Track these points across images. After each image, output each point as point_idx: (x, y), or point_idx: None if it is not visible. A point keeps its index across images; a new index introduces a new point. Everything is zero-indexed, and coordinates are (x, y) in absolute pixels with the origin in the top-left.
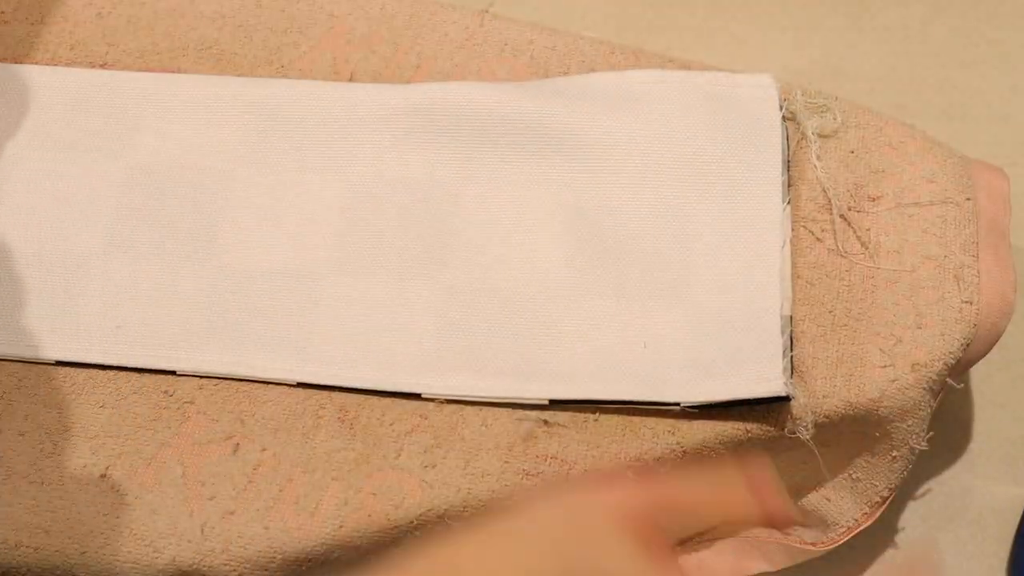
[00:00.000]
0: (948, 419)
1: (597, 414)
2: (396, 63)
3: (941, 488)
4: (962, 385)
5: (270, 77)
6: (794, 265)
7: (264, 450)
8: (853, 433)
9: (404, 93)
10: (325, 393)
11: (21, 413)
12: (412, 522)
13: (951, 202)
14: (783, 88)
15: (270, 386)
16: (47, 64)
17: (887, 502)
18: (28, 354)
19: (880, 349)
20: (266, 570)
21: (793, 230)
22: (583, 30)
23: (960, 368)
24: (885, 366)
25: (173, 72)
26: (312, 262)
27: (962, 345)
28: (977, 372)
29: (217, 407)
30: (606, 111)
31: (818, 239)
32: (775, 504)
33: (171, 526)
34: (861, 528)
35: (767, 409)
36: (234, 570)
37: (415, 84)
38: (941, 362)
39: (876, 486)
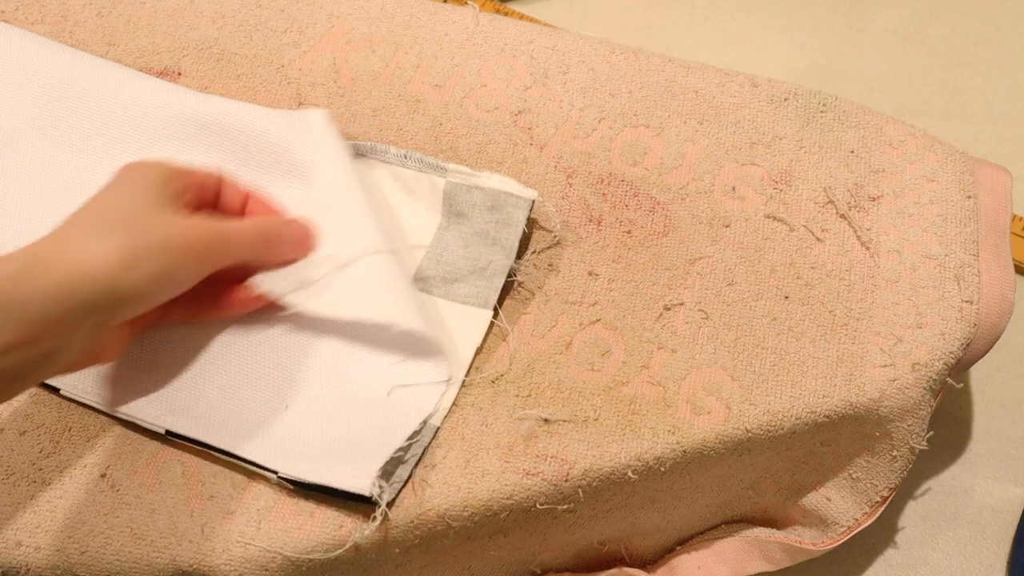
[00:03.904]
0: (948, 419)
1: (597, 413)
2: (396, 63)
3: (941, 488)
4: (962, 385)
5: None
6: (794, 264)
7: None
8: (853, 433)
9: (193, 103)
10: None
11: (22, 412)
12: (412, 521)
13: (951, 200)
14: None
15: None
16: None
17: (887, 501)
18: None
19: (880, 349)
20: (266, 570)
21: (793, 230)
22: (583, 30)
23: (960, 368)
24: (885, 366)
25: (173, 74)
26: None
27: (962, 344)
28: (977, 372)
29: None
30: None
31: (818, 239)
32: None
33: (171, 526)
34: (861, 528)
35: (766, 410)
36: (234, 570)
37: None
38: (941, 362)
39: (876, 485)
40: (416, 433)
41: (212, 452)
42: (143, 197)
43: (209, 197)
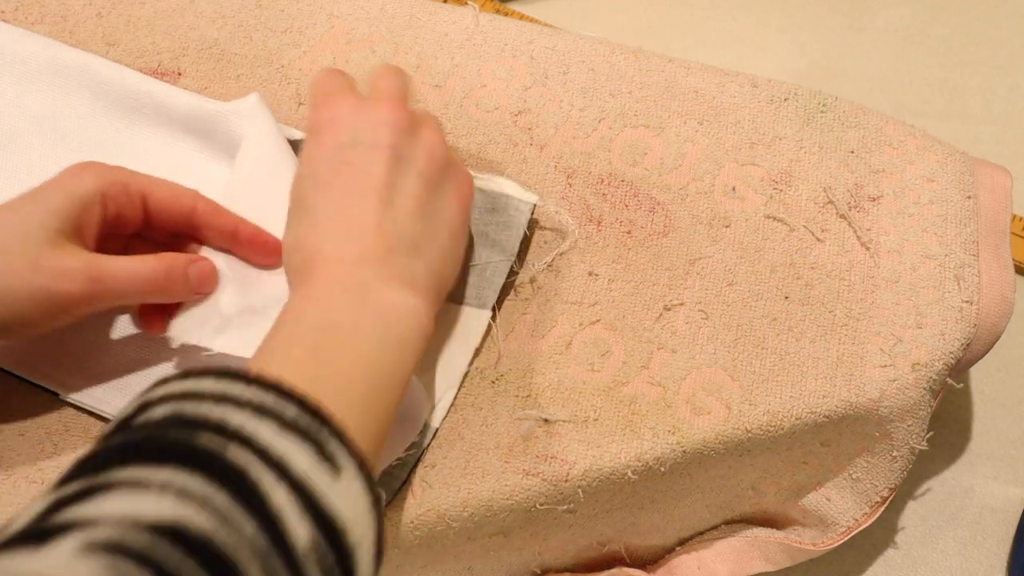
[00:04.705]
0: (948, 419)
1: (597, 413)
2: (396, 63)
3: (941, 488)
4: (962, 385)
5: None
6: (794, 265)
7: None
8: (853, 433)
9: (192, 104)
10: None
11: (22, 412)
12: (412, 522)
13: (951, 201)
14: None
15: None
16: None
17: (887, 502)
18: None
19: (880, 349)
20: None
21: (793, 230)
22: (583, 30)
23: (960, 368)
24: (885, 366)
25: (173, 74)
26: None
27: (962, 345)
28: (977, 372)
29: None
30: None
31: (818, 239)
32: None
33: None
34: (861, 528)
35: (766, 411)
36: None
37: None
38: (941, 362)
39: (876, 486)
40: (414, 444)
41: None
42: (38, 223)
43: (134, 217)
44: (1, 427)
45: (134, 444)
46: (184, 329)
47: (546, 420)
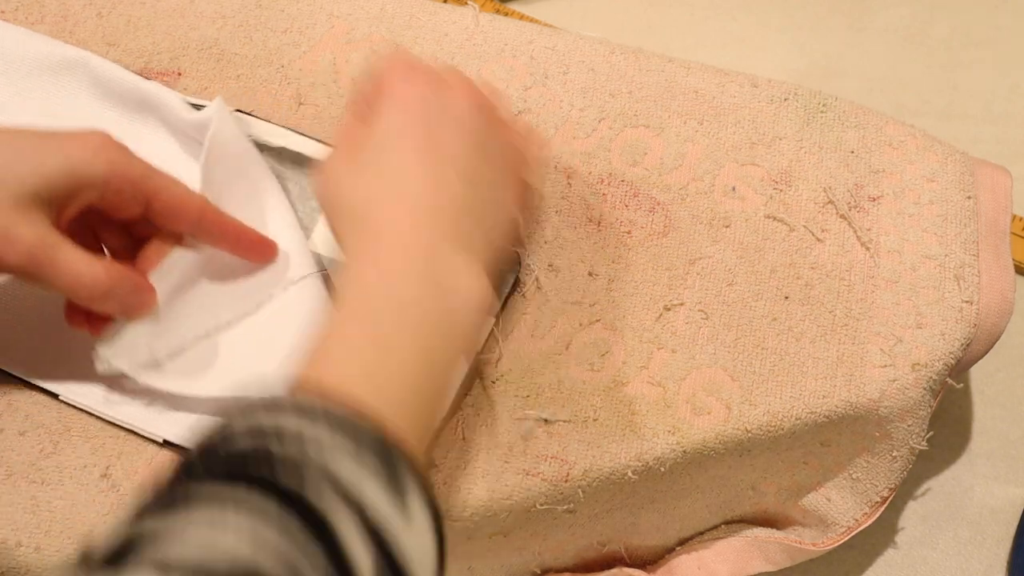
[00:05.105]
0: (948, 419)
1: (597, 413)
2: None
3: (941, 488)
4: (962, 385)
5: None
6: (794, 265)
7: None
8: (853, 433)
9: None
10: None
11: (21, 413)
12: None
13: (951, 201)
14: None
15: None
16: None
17: (887, 502)
18: None
19: (880, 349)
20: None
21: (793, 230)
22: (583, 30)
23: (960, 368)
24: (885, 366)
25: (173, 74)
26: None
27: (962, 345)
28: (977, 372)
29: None
30: None
31: (818, 239)
32: None
33: None
34: (861, 528)
35: (766, 411)
36: None
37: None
38: (941, 362)
39: (876, 486)
40: None
41: None
42: (18, 177)
43: (129, 212)
44: (1, 427)
45: (215, 467)
46: (113, 354)
47: (546, 420)
